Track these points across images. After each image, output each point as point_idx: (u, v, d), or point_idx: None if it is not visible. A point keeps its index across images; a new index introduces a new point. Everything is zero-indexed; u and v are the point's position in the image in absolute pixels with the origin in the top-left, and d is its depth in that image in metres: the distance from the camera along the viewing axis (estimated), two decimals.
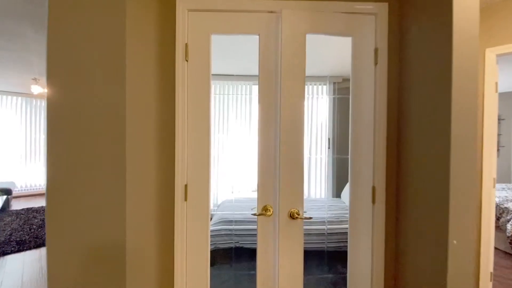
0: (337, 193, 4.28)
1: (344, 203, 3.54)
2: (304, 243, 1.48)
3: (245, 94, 4.60)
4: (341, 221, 2.85)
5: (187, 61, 1.52)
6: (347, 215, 1.57)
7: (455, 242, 1.17)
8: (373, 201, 1.55)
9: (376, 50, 1.52)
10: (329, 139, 4.65)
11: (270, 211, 1.50)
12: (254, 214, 1.47)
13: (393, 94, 1.54)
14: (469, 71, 1.16)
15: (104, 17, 1.14)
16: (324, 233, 2.79)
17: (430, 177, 1.27)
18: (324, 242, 2.75)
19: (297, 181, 1.38)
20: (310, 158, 4.99)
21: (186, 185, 1.53)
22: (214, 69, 1.59)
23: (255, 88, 4.73)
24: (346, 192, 3.73)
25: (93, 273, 1.15)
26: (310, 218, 1.41)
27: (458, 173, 1.15)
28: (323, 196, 4.62)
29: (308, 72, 1.36)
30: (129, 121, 1.17)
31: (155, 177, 1.46)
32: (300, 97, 1.39)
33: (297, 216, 1.40)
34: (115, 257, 1.16)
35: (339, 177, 4.17)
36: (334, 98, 4.36)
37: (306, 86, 1.46)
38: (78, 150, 1.13)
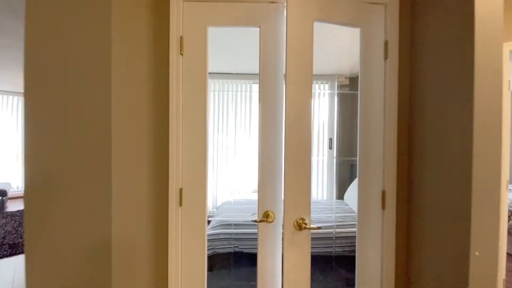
0: (340, 195, 4.17)
1: (347, 205, 3.43)
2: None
3: (245, 91, 4.50)
4: (345, 224, 2.74)
5: (182, 55, 1.40)
6: (351, 218, 1.45)
7: (477, 253, 1.05)
8: (383, 207, 1.43)
9: (386, 43, 1.41)
10: (330, 139, 4.54)
11: (271, 217, 1.39)
12: (255, 221, 1.36)
13: (404, 91, 1.43)
14: (492, 65, 1.05)
15: (87, 9, 1.03)
16: (330, 237, 2.67)
17: (448, 182, 1.15)
18: (328, 246, 2.64)
19: (304, 187, 1.25)
20: (311, 158, 4.86)
21: (181, 189, 1.42)
22: (212, 67, 1.47)
23: (255, 87, 4.62)
24: (349, 194, 3.62)
25: (76, 280, 1.04)
26: (319, 228, 1.25)
27: (481, 178, 1.04)
28: (325, 197, 4.50)
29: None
30: (116, 120, 1.05)
31: (148, 181, 1.35)
32: (308, 93, 1.26)
33: (304, 226, 1.25)
34: (100, 263, 1.05)
35: (342, 178, 4.06)
36: (336, 97, 4.25)
37: None
38: (57, 151, 1.02)
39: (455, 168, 1.12)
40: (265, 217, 1.39)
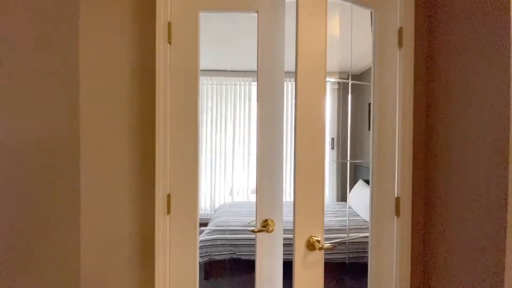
0: (342, 196, 4.02)
1: (351, 208, 3.27)
2: None
3: (244, 85, 4.34)
4: (350, 229, 2.58)
5: (170, 43, 1.24)
6: (355, 223, 1.29)
7: None
8: (397, 214, 1.27)
9: (400, 30, 1.25)
10: (332, 139, 4.39)
11: (271, 226, 1.23)
12: (253, 231, 1.20)
13: (421, 85, 1.27)
14: None
15: None
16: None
17: (476, 189, 1.00)
18: (331, 253, 2.48)
19: (317, 197, 1.05)
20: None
21: (169, 195, 1.26)
22: (210, 64, 1.31)
23: (255, 85, 4.47)
24: (353, 195, 3.46)
25: None
26: (334, 247, 1.04)
27: None
28: (327, 199, 4.34)
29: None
30: (87, 120, 0.90)
31: (130, 186, 1.19)
32: (321, 87, 1.06)
33: (319, 246, 1.02)
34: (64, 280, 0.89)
35: (344, 180, 3.90)
36: (338, 96, 4.10)
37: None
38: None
39: (487, 173, 0.96)
40: (264, 226, 1.23)
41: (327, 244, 1.02)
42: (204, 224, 4.17)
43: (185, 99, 1.25)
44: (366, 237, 2.55)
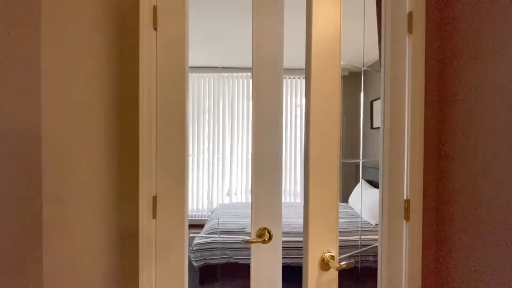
0: (343, 197, 3.90)
1: (352, 209, 3.16)
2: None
3: (243, 81, 4.22)
4: (351, 231, 2.46)
5: (155, 29, 1.12)
6: (357, 225, 1.17)
7: None
8: (406, 218, 1.16)
9: (410, 14, 1.13)
10: None
11: (268, 235, 1.11)
12: (247, 242, 1.07)
13: (433, 75, 1.15)
14: None
15: None
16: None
17: (503, 192, 0.88)
18: None
19: (331, 206, 0.90)
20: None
21: (155, 197, 1.14)
22: (206, 61, 1.19)
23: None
24: (354, 196, 3.34)
25: None
26: (352, 264, 0.87)
27: None
28: None
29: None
30: (50, 117, 0.78)
31: (110, 188, 1.07)
32: (336, 78, 0.93)
33: (335, 265, 0.86)
34: None
35: (345, 180, 3.78)
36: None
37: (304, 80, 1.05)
38: None
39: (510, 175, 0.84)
40: (261, 235, 1.11)
41: (343, 262, 0.87)
42: (201, 225, 4.05)
43: (173, 91, 1.13)
44: (371, 240, 2.43)
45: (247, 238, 1.08)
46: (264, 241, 1.08)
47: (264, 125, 1.10)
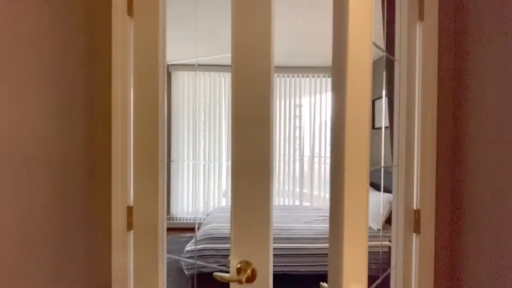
0: None
1: None
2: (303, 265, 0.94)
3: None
4: None
5: (130, 15, 0.99)
6: None
7: None
8: (417, 230, 1.02)
9: (421, 0, 1.00)
10: None
11: (250, 273, 0.82)
12: (217, 279, 0.80)
13: (447, 68, 1.01)
14: None
15: None
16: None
17: None
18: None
19: (361, 227, 0.72)
20: (312, 158, 4.47)
21: (130, 207, 1.00)
22: (203, 59, 1.04)
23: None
24: None
25: None
26: None
27: None
28: (327, 203, 4.08)
29: (309, 62, 0.82)
30: None
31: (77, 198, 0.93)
32: (368, 74, 0.73)
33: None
34: None
35: None
36: None
37: (307, 79, 0.90)
38: None
39: None
40: (241, 272, 0.82)
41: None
42: (196, 229, 3.91)
43: (150, 86, 0.99)
44: (372, 246, 2.30)
45: (220, 274, 0.80)
46: (240, 282, 0.78)
47: (247, 129, 0.87)
